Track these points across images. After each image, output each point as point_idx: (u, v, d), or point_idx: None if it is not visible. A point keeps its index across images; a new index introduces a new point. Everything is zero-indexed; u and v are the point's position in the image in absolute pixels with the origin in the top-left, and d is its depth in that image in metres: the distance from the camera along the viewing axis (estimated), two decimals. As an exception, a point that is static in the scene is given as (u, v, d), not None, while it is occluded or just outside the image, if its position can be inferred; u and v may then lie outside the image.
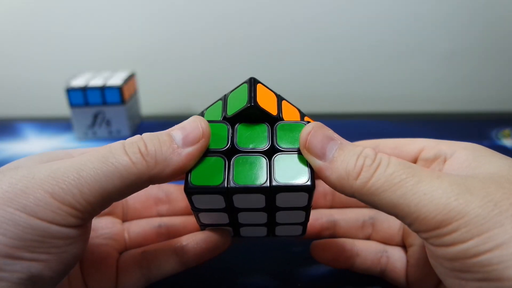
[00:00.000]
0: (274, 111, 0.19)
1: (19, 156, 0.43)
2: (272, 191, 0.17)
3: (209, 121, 0.19)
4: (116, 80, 0.45)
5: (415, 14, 0.52)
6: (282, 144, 0.18)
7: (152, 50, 0.56)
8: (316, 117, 0.22)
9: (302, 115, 0.21)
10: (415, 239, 0.22)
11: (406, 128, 0.48)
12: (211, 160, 0.18)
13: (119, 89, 0.43)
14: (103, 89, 0.43)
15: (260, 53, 0.55)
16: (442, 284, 0.19)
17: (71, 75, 0.48)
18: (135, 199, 0.25)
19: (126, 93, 0.45)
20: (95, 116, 0.45)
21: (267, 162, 0.18)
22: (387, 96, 0.57)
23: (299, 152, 0.18)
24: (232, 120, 0.19)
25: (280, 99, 0.20)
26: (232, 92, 0.20)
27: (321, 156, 0.17)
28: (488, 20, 0.52)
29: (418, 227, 0.15)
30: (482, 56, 0.54)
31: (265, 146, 0.18)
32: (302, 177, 0.18)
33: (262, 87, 0.20)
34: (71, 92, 0.43)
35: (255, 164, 0.18)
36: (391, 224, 0.24)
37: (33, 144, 0.45)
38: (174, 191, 0.25)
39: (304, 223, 0.20)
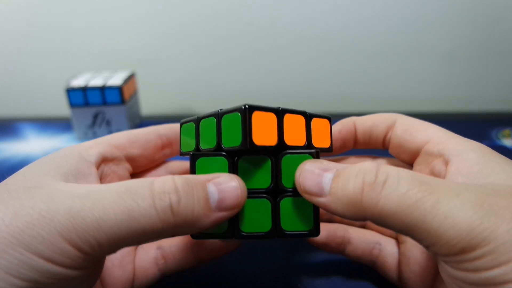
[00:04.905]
0: (273, 140, 0.18)
1: (18, 156, 0.43)
2: (278, 237, 0.18)
3: (208, 154, 0.18)
4: (116, 80, 0.45)
5: (415, 14, 0.52)
6: (287, 184, 0.18)
7: (152, 50, 0.56)
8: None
9: (309, 118, 0.20)
10: (407, 237, 0.21)
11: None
12: None
13: (119, 89, 0.43)
14: (103, 89, 0.43)
15: (260, 53, 0.56)
16: (437, 286, 0.19)
17: (71, 75, 0.48)
18: (144, 156, 0.23)
19: (126, 93, 0.45)
20: (95, 116, 0.45)
21: (271, 206, 0.18)
22: (387, 96, 0.57)
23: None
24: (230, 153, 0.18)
25: (281, 115, 0.18)
26: (226, 115, 0.18)
27: (320, 193, 0.16)
28: (488, 20, 0.52)
29: (437, 251, 0.14)
30: (482, 56, 0.54)
31: (269, 186, 0.18)
32: (307, 223, 0.18)
33: (258, 113, 0.17)
34: (71, 92, 0.43)
35: (260, 208, 0.18)
36: None
37: (33, 144, 0.45)
38: (173, 134, 0.24)
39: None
